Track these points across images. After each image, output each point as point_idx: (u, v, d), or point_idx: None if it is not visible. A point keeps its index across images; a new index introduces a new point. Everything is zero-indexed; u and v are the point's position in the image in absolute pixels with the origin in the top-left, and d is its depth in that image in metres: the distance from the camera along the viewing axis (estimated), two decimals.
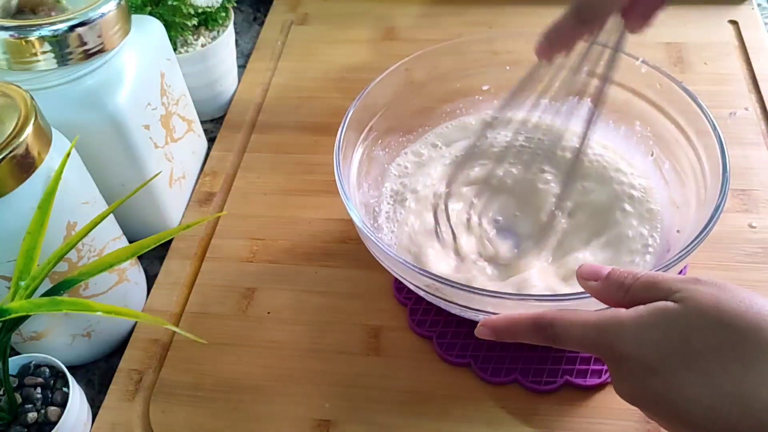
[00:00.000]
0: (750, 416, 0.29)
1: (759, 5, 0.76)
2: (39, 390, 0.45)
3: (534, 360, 0.47)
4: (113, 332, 0.53)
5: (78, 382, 0.48)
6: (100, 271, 0.42)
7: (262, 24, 0.82)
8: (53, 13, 0.48)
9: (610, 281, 0.36)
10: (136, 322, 0.53)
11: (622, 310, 0.34)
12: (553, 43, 0.46)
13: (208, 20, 0.66)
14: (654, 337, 0.32)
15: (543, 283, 0.48)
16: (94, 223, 0.43)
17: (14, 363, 0.46)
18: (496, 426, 0.46)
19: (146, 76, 0.53)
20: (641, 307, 0.33)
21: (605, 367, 0.47)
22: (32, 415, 0.44)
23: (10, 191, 0.40)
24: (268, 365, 0.50)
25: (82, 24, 0.46)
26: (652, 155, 0.54)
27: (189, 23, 0.63)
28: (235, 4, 0.67)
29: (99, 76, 0.49)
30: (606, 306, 0.37)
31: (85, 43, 0.46)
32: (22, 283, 0.40)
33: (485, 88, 0.59)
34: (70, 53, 0.46)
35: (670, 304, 0.32)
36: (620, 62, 0.49)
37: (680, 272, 0.50)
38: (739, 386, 0.30)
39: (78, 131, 0.46)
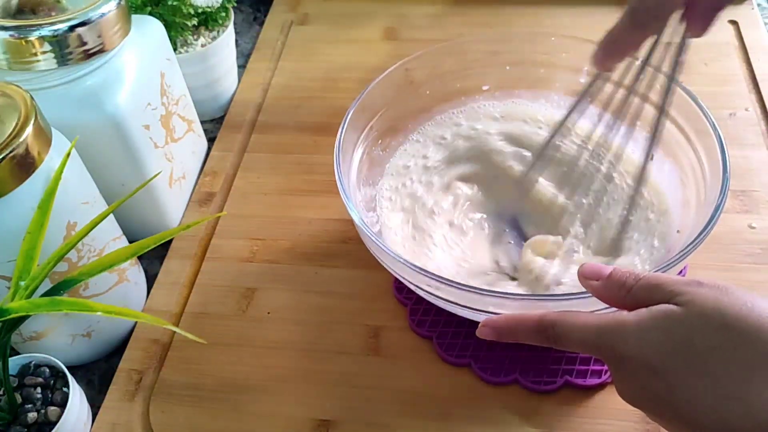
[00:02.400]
0: (752, 417, 0.29)
1: (759, 5, 0.76)
2: (39, 390, 0.45)
3: (534, 360, 0.47)
4: (113, 332, 0.53)
5: (78, 382, 0.48)
6: (100, 271, 0.42)
7: (262, 24, 0.82)
8: (53, 13, 0.48)
9: (611, 281, 0.36)
10: (136, 322, 0.53)
11: (624, 313, 0.34)
12: (610, 51, 0.43)
13: (208, 20, 0.66)
14: (656, 339, 0.32)
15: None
16: (94, 223, 0.43)
17: (14, 363, 0.46)
18: (496, 426, 0.46)
19: (146, 76, 0.53)
20: (643, 310, 0.33)
21: (605, 367, 0.47)
22: (32, 415, 0.44)
23: (10, 191, 0.40)
24: (268, 365, 0.50)
25: (82, 24, 0.46)
26: (651, 158, 0.54)
27: (189, 23, 0.63)
28: (235, 4, 0.67)
29: (99, 76, 0.49)
30: (607, 306, 0.37)
31: (85, 43, 0.46)
32: (22, 283, 0.40)
33: (485, 88, 0.59)
34: (70, 53, 0.46)
35: (672, 306, 0.32)
36: (683, 69, 0.45)
37: (680, 273, 0.50)
38: (742, 388, 0.30)
39: (78, 131, 0.46)
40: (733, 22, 0.73)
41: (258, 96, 0.72)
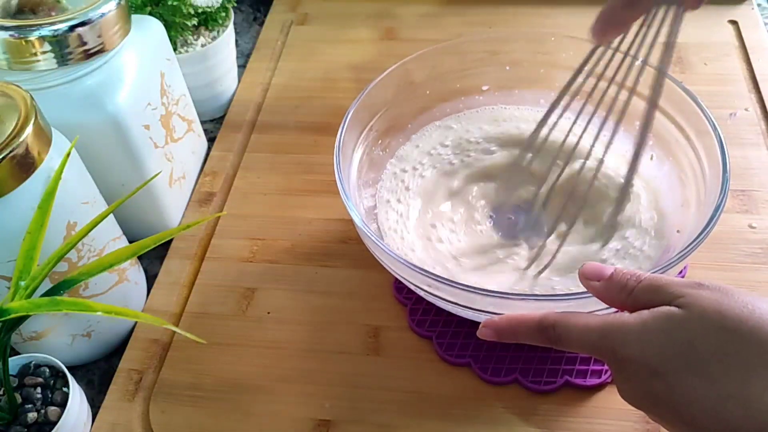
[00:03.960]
0: (753, 419, 0.29)
1: (759, 5, 0.76)
2: (39, 390, 0.45)
3: (534, 360, 0.47)
4: (113, 332, 0.52)
5: (78, 382, 0.48)
6: (100, 271, 0.42)
7: (262, 24, 0.82)
8: (53, 13, 0.48)
9: (612, 282, 0.36)
10: (136, 322, 0.53)
11: (625, 314, 0.34)
12: (607, 25, 0.46)
13: (208, 20, 0.66)
14: (658, 341, 0.32)
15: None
16: (94, 223, 0.43)
17: (14, 363, 0.46)
18: (496, 426, 0.46)
19: (146, 76, 0.53)
20: (645, 312, 0.33)
21: (605, 367, 0.47)
22: (32, 415, 0.44)
23: (10, 191, 0.40)
24: (268, 365, 0.50)
25: (82, 24, 0.46)
26: (651, 158, 0.54)
27: (189, 23, 0.63)
28: (235, 4, 0.67)
29: (99, 76, 0.49)
30: (607, 306, 0.37)
31: (85, 43, 0.46)
32: (22, 283, 0.40)
33: (485, 88, 0.59)
34: (70, 53, 0.46)
35: (673, 309, 0.32)
36: (673, 56, 0.47)
37: (680, 273, 0.50)
38: (742, 390, 0.30)
39: (78, 131, 0.46)
40: (733, 22, 0.74)
41: (258, 96, 0.72)
